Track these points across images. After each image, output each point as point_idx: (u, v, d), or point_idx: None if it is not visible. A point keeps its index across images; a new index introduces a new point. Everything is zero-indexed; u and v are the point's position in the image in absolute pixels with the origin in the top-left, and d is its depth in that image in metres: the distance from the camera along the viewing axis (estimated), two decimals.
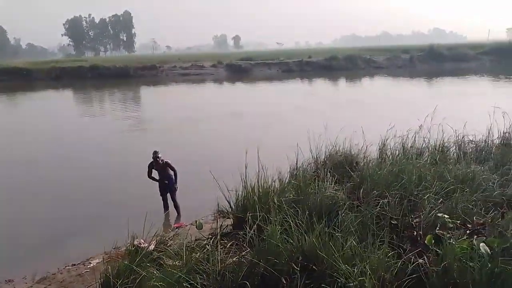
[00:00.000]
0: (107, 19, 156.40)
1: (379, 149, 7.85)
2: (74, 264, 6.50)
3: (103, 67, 50.34)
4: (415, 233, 4.48)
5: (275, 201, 5.21)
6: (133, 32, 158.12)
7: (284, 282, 3.93)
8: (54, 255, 7.18)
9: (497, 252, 3.72)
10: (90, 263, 6.31)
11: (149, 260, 4.58)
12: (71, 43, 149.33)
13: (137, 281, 4.09)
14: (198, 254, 4.68)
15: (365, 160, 7.46)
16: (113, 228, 6.91)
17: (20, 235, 8.14)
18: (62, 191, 10.65)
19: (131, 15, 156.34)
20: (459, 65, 52.65)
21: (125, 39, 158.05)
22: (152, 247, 4.92)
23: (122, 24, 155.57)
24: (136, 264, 4.36)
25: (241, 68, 51.82)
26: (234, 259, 4.48)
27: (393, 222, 4.74)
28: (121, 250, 5.36)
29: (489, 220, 4.74)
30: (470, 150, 8.21)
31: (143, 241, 4.95)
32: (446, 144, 8.21)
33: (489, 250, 3.76)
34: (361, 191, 5.56)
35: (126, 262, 4.42)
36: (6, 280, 6.36)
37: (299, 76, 46.25)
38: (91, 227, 8.26)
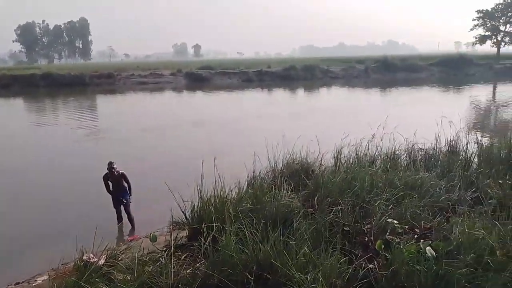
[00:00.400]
0: (62, 26, 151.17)
1: (334, 157, 8.04)
2: (18, 283, 6.10)
3: (57, 75, 48.34)
4: (366, 239, 4.60)
5: (231, 211, 5.18)
6: (89, 39, 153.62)
7: None
8: None
9: (442, 255, 3.89)
10: (36, 281, 5.96)
11: (98, 276, 4.39)
12: (23, 49, 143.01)
13: None
14: (151, 267, 4.56)
15: (320, 168, 7.60)
16: (61, 243, 6.60)
17: None
18: (5, 206, 10.05)
19: (88, 21, 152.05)
20: (410, 76, 55.14)
21: (81, 46, 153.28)
22: (102, 261, 4.72)
23: (78, 31, 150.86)
24: (84, 280, 4.18)
25: (201, 77, 51.54)
26: (188, 271, 4.41)
27: (345, 228, 4.84)
28: (69, 266, 5.11)
29: (435, 225, 4.95)
30: (420, 157, 8.58)
31: (92, 256, 4.76)
32: (397, 152, 8.55)
33: (434, 253, 3.93)
34: (316, 198, 5.66)
35: (73, 279, 4.23)
36: None
37: (259, 86, 46.64)
38: (38, 243, 7.82)
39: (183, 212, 5.83)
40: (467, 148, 8.68)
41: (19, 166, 13.68)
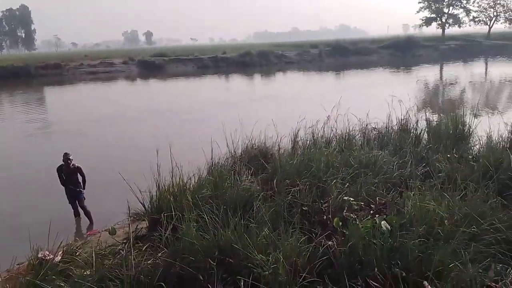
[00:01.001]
0: (1, 14, 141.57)
1: (291, 140, 8.15)
2: None
3: None
4: (324, 217, 4.72)
5: (190, 198, 5.15)
6: (32, 28, 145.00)
7: (201, 278, 3.90)
8: None
9: (396, 228, 4.07)
10: None
11: (54, 273, 4.24)
12: None
13: None
14: (111, 260, 4.46)
15: (279, 152, 7.68)
16: (15, 242, 6.29)
17: None
18: None
19: (29, 9, 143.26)
20: (362, 59, 56.60)
21: (23, 36, 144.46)
22: (58, 258, 4.55)
23: (19, 20, 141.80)
24: (40, 278, 4.02)
25: (155, 64, 50.20)
26: (149, 261, 4.36)
27: (304, 208, 4.95)
28: (23, 265, 4.90)
29: (389, 200, 5.17)
30: (373, 136, 8.87)
31: (47, 253, 4.58)
32: (351, 132, 8.78)
33: (389, 227, 4.10)
34: (275, 181, 5.73)
35: (28, 278, 4.05)
36: None
37: (215, 72, 46.17)
38: None
39: (141, 203, 5.73)
40: (417, 126, 9.09)
41: None
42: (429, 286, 3.48)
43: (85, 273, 4.17)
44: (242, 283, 3.69)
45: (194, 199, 5.26)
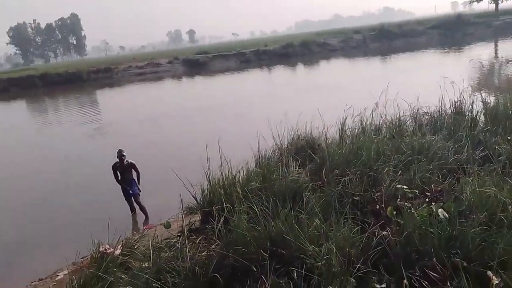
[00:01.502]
0: (54, 24, 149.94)
1: (339, 129, 8.00)
2: (41, 279, 6.27)
3: (54, 74, 48.23)
4: (377, 207, 4.60)
5: (239, 191, 5.20)
6: (82, 34, 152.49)
7: (254, 269, 3.94)
8: (20, 273, 6.89)
9: (454, 216, 3.88)
10: (57, 275, 6.09)
11: (115, 265, 4.47)
12: (17, 51, 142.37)
13: (105, 287, 3.99)
14: (167, 253, 4.62)
15: (326, 142, 7.57)
16: (79, 237, 6.69)
17: None
18: (17, 206, 10.20)
19: (79, 17, 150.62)
20: (409, 41, 54.41)
21: (75, 43, 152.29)
22: (118, 251, 4.79)
23: (70, 28, 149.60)
24: (102, 271, 4.25)
25: (199, 62, 51.20)
26: (203, 253, 4.46)
27: (355, 198, 4.85)
28: (86, 258, 5.20)
29: (446, 186, 4.94)
30: (425, 121, 8.50)
31: (108, 247, 4.82)
32: (402, 118, 8.46)
33: (446, 215, 3.92)
34: (323, 171, 5.65)
35: (92, 270, 4.30)
36: None
37: (257, 66, 46.26)
38: (56, 239, 7.96)
39: (193, 196, 5.87)
40: (472, 108, 8.58)
41: (30, 166, 13.81)
42: (493, 277, 3.29)
43: (143, 265, 4.35)
44: (295, 274, 3.69)
45: (244, 191, 5.31)
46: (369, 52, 47.83)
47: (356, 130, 7.78)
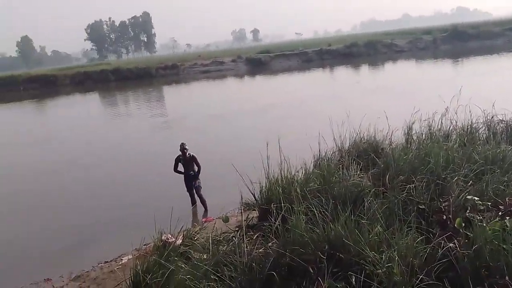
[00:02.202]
0: (127, 21, 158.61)
1: (405, 133, 7.71)
2: (107, 262, 6.70)
3: (125, 69, 51.23)
4: (444, 217, 4.36)
5: (298, 191, 5.18)
6: (153, 32, 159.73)
7: (311, 271, 3.91)
8: (87, 254, 7.41)
9: None
10: (122, 260, 6.47)
11: (176, 255, 4.65)
12: (93, 47, 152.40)
13: (166, 275, 4.17)
14: (225, 246, 4.73)
15: (390, 146, 7.32)
16: (143, 225, 7.05)
17: (57, 240, 8.36)
18: (94, 193, 10.97)
19: (150, 15, 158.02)
20: (485, 43, 50.91)
21: (145, 40, 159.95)
22: (179, 241, 4.99)
23: (142, 25, 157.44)
24: (164, 258, 4.44)
25: (261, 61, 51.70)
26: (260, 250, 4.50)
27: (420, 207, 4.64)
28: (149, 246, 5.46)
29: None
30: (500, 130, 7.94)
31: (170, 236, 5.04)
32: (474, 125, 7.97)
33: None
34: (387, 177, 5.46)
35: (154, 257, 4.51)
36: (44, 279, 6.62)
37: (320, 66, 45.77)
38: (122, 226, 8.46)
39: (252, 193, 5.95)
40: None
41: (101, 156, 14.79)
42: None
43: (202, 257, 4.49)
44: (353, 279, 3.62)
45: (302, 191, 5.28)
46: (440, 54, 45.46)
47: (424, 135, 7.44)
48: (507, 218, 4.06)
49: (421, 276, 3.46)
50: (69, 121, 25.02)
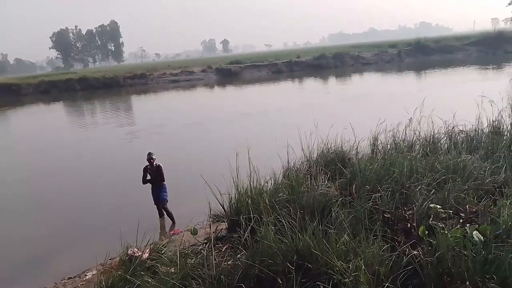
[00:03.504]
0: (94, 30, 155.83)
1: (371, 144, 7.88)
2: (70, 278, 6.45)
3: (92, 78, 50.09)
4: (408, 225, 4.47)
5: (267, 202, 5.19)
6: (121, 41, 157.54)
7: (280, 282, 3.91)
8: (50, 270, 7.12)
9: (490, 239, 3.73)
10: (86, 275, 6.25)
11: (143, 269, 4.54)
12: (59, 56, 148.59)
13: None
14: (193, 259, 4.65)
15: (356, 156, 7.47)
16: (108, 238, 6.85)
17: (15, 253, 8.00)
18: (52, 205, 10.56)
19: (118, 24, 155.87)
20: (446, 57, 53.23)
21: (113, 49, 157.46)
22: (146, 255, 4.87)
23: (110, 34, 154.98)
24: (130, 273, 4.33)
25: (231, 71, 51.85)
26: (229, 262, 4.45)
27: (386, 215, 4.73)
28: (115, 260, 5.30)
29: (482, 208, 4.75)
30: (461, 140, 8.25)
31: (136, 250, 4.91)
32: (436, 136, 8.25)
33: (482, 238, 3.77)
34: (353, 186, 5.56)
35: (120, 272, 4.38)
36: None
37: (289, 77, 46.37)
38: (86, 239, 8.19)
39: (221, 204, 5.90)
40: (511, 128, 8.27)
41: (63, 167, 14.30)
42: None
43: (170, 270, 4.40)
44: None
45: (271, 202, 5.30)
46: (404, 67, 47.07)
47: (389, 145, 7.64)
48: (468, 225, 4.21)
49: (386, 284, 3.51)
50: (31, 131, 24.15)
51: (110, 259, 5.68)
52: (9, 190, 12.20)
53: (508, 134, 8.16)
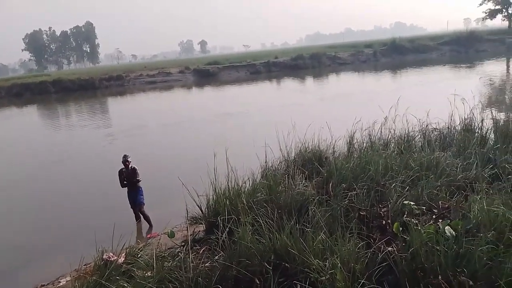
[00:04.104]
0: (69, 31, 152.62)
1: (347, 142, 7.98)
2: (43, 285, 6.27)
3: (67, 81, 48.96)
4: (383, 222, 4.55)
5: (245, 202, 5.18)
6: (96, 43, 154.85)
7: (258, 282, 3.91)
8: (21, 277, 6.91)
9: (462, 234, 3.82)
10: (60, 282, 6.09)
11: (118, 273, 4.46)
12: (32, 58, 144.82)
13: None
14: (170, 262, 4.60)
15: (333, 155, 7.55)
16: (81, 243, 6.71)
17: None
18: (26, 211, 10.27)
19: (93, 25, 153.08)
20: (420, 56, 54.43)
21: (88, 51, 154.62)
22: (121, 259, 4.79)
23: (85, 36, 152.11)
24: (105, 278, 4.25)
25: (209, 72, 51.59)
26: (206, 264, 4.43)
27: (361, 213, 4.80)
28: (90, 266, 5.19)
29: (454, 204, 4.87)
30: (434, 137, 8.44)
31: (112, 255, 4.82)
32: (411, 134, 8.43)
33: (453, 232, 3.86)
34: (330, 185, 5.61)
35: (95, 278, 4.29)
36: None
37: (267, 77, 46.46)
38: (59, 244, 7.98)
39: (198, 206, 5.86)
40: (482, 125, 8.51)
41: (36, 171, 13.93)
42: None
43: (146, 274, 4.34)
44: None
45: (249, 202, 5.29)
46: (380, 67, 47.85)
47: (365, 144, 7.76)
48: (440, 220, 4.31)
49: (362, 281, 3.55)
50: (5, 135, 23.46)
51: (85, 265, 5.56)
52: None
53: (479, 131, 8.39)
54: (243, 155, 7.98)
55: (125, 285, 4.20)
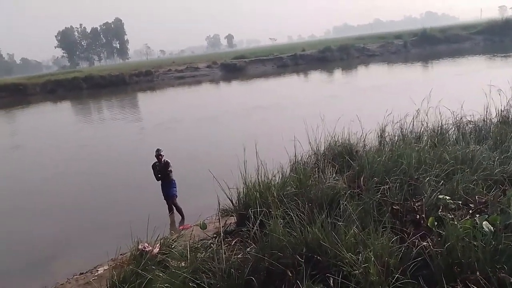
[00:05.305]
0: (99, 28, 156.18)
1: (378, 136, 7.86)
2: (82, 273, 6.54)
3: (98, 77, 50.28)
4: (417, 217, 4.47)
5: (275, 195, 5.21)
6: (125, 39, 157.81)
7: (290, 274, 3.93)
8: (62, 266, 7.21)
9: (500, 229, 3.72)
10: (97, 270, 6.34)
11: (154, 263, 4.60)
12: (64, 54, 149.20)
13: (143, 284, 4.11)
14: (203, 253, 4.69)
15: (364, 148, 7.46)
16: (119, 235, 6.92)
17: (30, 251, 8.11)
18: (66, 203, 10.67)
19: (122, 22, 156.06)
20: (452, 47, 52.72)
21: (118, 47, 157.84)
22: (156, 250, 4.93)
23: (114, 32, 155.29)
24: (141, 268, 4.38)
25: (236, 66, 51.78)
26: (239, 256, 4.49)
27: (394, 207, 4.73)
28: (126, 255, 5.37)
29: (491, 198, 4.73)
30: (469, 130, 8.19)
31: (147, 245, 4.97)
32: (444, 126, 8.20)
33: (492, 228, 3.76)
34: (362, 179, 5.56)
35: (131, 267, 4.44)
36: None
37: (294, 71, 46.20)
38: (97, 235, 8.29)
39: (229, 199, 5.93)
40: None
41: (75, 165, 14.43)
42: None
43: (180, 264, 4.45)
44: (331, 281, 3.65)
45: (279, 196, 5.32)
46: (410, 58, 46.71)
47: (396, 137, 7.61)
48: (477, 215, 4.19)
49: (396, 275, 3.52)
50: (42, 129, 24.38)
51: (121, 255, 5.75)
52: (25, 188, 12.36)
53: None
54: (272, 148, 8.00)
55: (161, 274, 4.33)
